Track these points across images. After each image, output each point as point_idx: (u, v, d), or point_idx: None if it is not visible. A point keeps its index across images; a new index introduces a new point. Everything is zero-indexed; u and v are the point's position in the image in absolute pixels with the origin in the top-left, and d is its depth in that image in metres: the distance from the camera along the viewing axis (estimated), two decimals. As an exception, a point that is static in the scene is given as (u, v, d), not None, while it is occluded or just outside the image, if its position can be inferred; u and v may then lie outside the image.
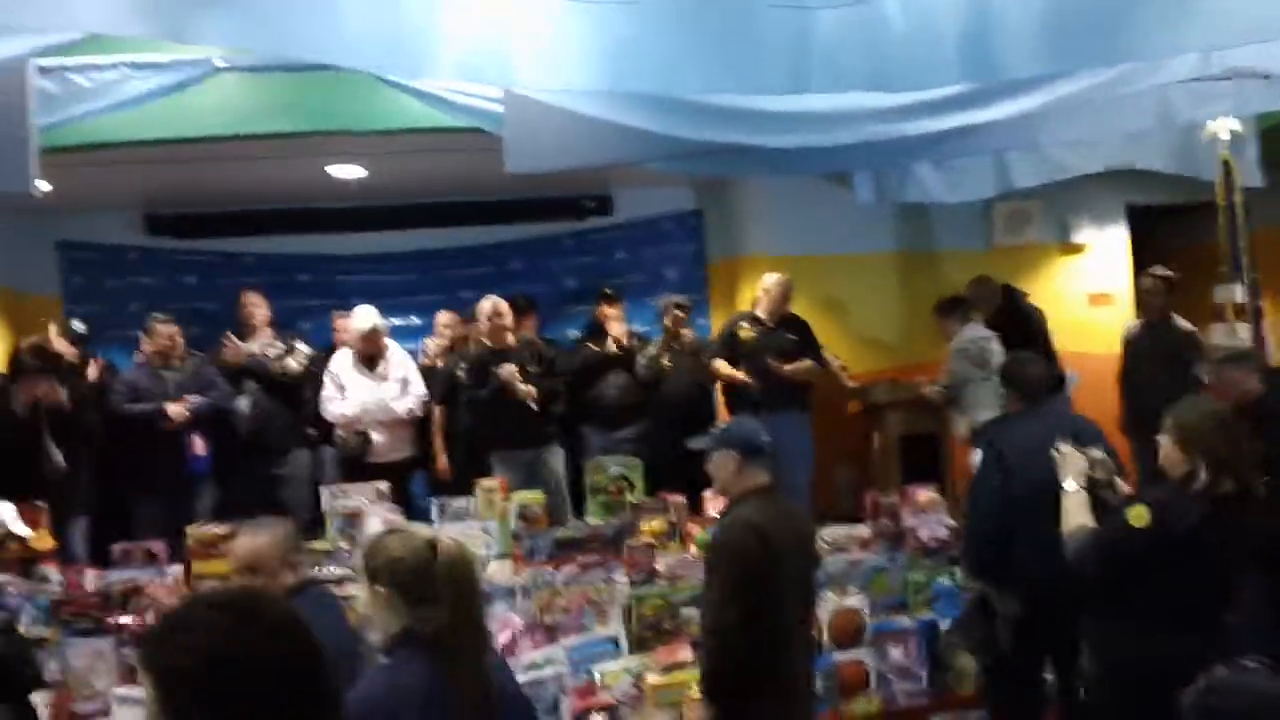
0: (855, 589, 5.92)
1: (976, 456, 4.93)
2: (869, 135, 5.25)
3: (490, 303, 7.29)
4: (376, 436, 7.21)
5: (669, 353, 7.67)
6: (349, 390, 7.21)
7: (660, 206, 9.24)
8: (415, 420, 7.40)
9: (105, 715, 4.59)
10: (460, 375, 7.32)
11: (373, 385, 7.22)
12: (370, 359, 7.26)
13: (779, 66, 3.86)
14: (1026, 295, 8.29)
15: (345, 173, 7.72)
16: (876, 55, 3.89)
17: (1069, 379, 7.62)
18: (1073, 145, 6.53)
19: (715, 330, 8.68)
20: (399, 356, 7.42)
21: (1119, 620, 3.94)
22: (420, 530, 2.92)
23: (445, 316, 8.12)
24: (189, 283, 8.79)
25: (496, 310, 7.23)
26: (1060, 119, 5.54)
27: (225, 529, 5.42)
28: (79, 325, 7.52)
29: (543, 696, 4.93)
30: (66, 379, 6.83)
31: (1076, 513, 4.11)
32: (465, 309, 7.96)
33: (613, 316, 7.93)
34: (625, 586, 5.73)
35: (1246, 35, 3.84)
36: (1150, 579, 3.81)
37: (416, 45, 3.40)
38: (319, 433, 7.52)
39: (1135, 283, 8.69)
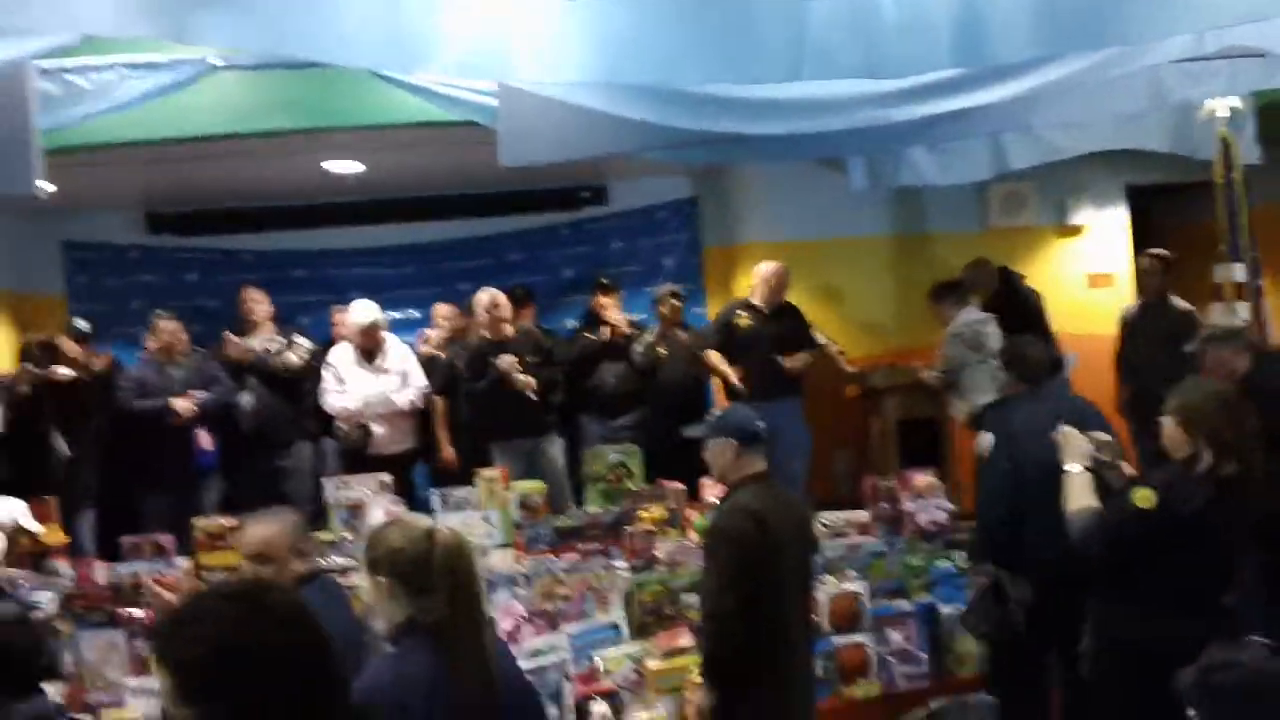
0: (854, 573, 5.93)
1: (985, 440, 4.90)
2: (862, 121, 5.27)
3: (488, 294, 7.30)
4: (377, 429, 7.23)
5: (665, 341, 7.67)
6: (349, 384, 7.22)
7: (655, 195, 9.24)
8: (415, 412, 7.41)
9: (118, 706, 4.62)
10: (459, 367, 7.35)
11: (372, 378, 7.23)
12: (369, 352, 7.26)
13: (772, 55, 3.88)
14: (1024, 278, 8.28)
15: (342, 168, 7.73)
16: (869, 42, 3.92)
17: (1068, 361, 7.63)
18: (1067, 126, 6.53)
19: (712, 316, 8.71)
20: (398, 349, 7.42)
21: (1122, 602, 3.94)
22: (419, 521, 2.95)
23: (443, 308, 8.13)
24: (190, 280, 8.80)
25: (494, 302, 7.25)
26: (1053, 101, 5.53)
27: (232, 521, 5.46)
28: (82, 324, 7.56)
29: (545, 683, 4.95)
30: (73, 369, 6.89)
31: (1079, 494, 4.09)
32: (463, 301, 7.98)
33: (609, 306, 7.93)
34: (625, 573, 5.76)
35: (1236, 17, 3.86)
36: (1155, 561, 3.81)
37: (415, 43, 3.43)
38: (319, 426, 7.55)
39: (1135, 263, 8.69)
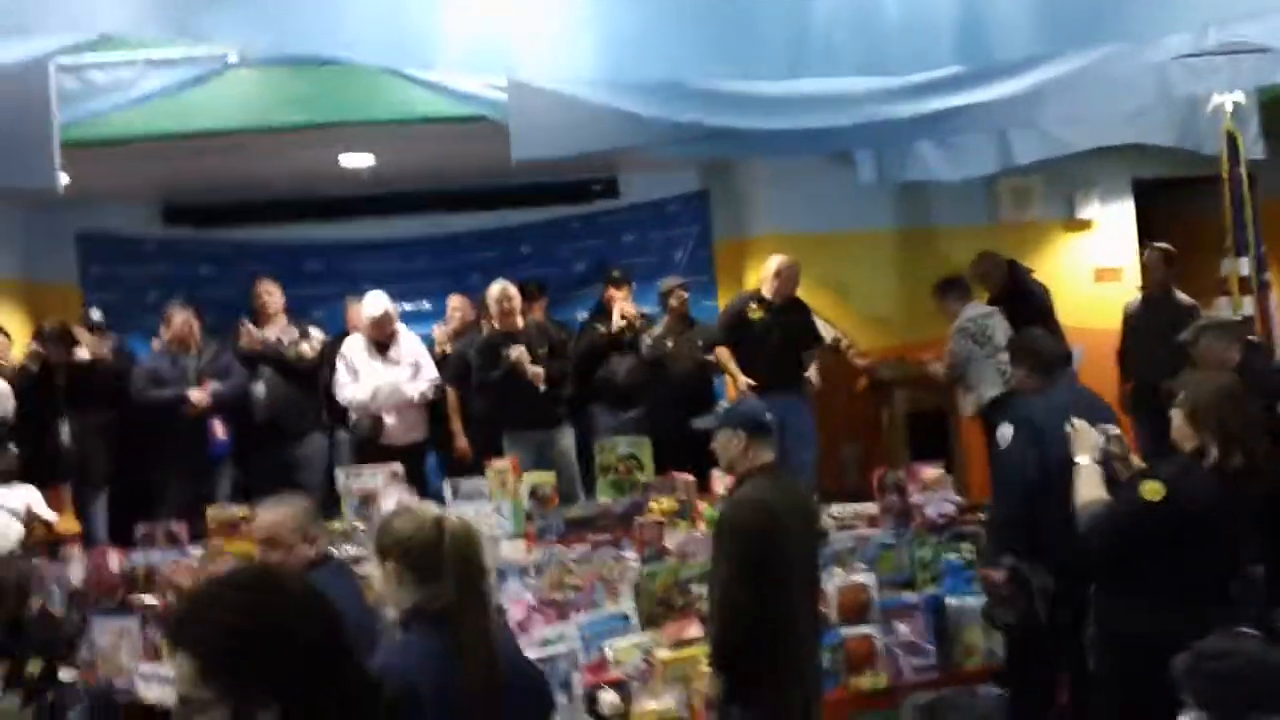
0: (862, 565, 5.99)
1: (1005, 431, 4.87)
2: (869, 117, 5.31)
3: (499, 287, 7.33)
4: (389, 420, 7.27)
5: (672, 334, 7.68)
6: (361, 374, 7.25)
7: (666, 189, 9.24)
8: (427, 403, 7.45)
9: (130, 692, 4.69)
10: (471, 358, 7.39)
11: (385, 369, 7.26)
12: (381, 344, 7.30)
13: (775, 52, 3.93)
14: (1031, 272, 8.26)
15: (355, 162, 7.78)
16: (871, 40, 3.96)
17: (1075, 354, 7.64)
18: (1073, 122, 6.54)
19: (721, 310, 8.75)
20: (410, 341, 7.46)
21: (1127, 595, 3.95)
22: (428, 509, 3.01)
23: (456, 300, 8.16)
24: (205, 272, 8.81)
25: (505, 294, 7.27)
26: (1058, 97, 5.56)
27: (244, 509, 5.52)
28: (95, 314, 7.63)
29: (555, 672, 4.99)
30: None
31: (1089, 487, 4.10)
32: (475, 293, 8.02)
33: (620, 298, 7.92)
34: (635, 564, 5.81)
35: (1236, 13, 3.89)
36: (1162, 554, 3.82)
37: (420, 40, 3.49)
38: (333, 416, 7.60)
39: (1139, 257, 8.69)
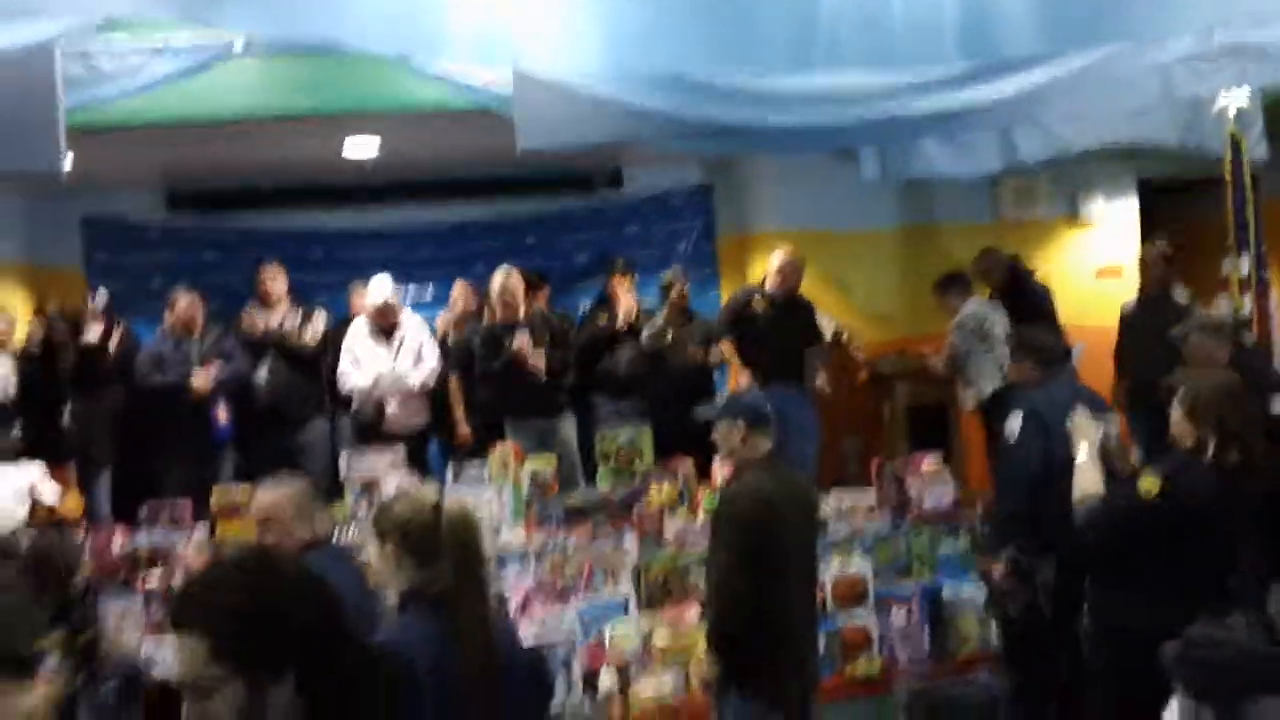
0: (859, 554, 6.04)
1: (1013, 424, 4.88)
2: (873, 113, 5.34)
3: (502, 276, 7.34)
4: (391, 406, 7.28)
5: (673, 326, 7.67)
6: (364, 361, 7.28)
7: (670, 181, 9.26)
8: (429, 390, 7.47)
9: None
10: (474, 346, 7.42)
11: (388, 356, 7.29)
12: (385, 330, 7.33)
13: (781, 47, 3.97)
14: (1033, 273, 8.23)
15: (360, 150, 7.80)
16: (876, 35, 4.00)
17: (1075, 351, 7.66)
18: (1077, 120, 6.57)
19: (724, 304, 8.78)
20: (414, 328, 7.48)
21: (1123, 589, 3.98)
22: (427, 493, 3.05)
23: (459, 289, 8.18)
24: (209, 258, 8.82)
25: (508, 283, 7.29)
26: (1063, 95, 5.59)
27: (247, 491, 5.55)
28: (100, 296, 7.64)
29: (554, 656, 5.06)
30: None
31: (1088, 481, 4.12)
32: (478, 282, 8.05)
33: (623, 289, 7.92)
34: (634, 550, 5.87)
35: (1238, 16, 3.92)
36: (1160, 549, 3.84)
37: (427, 30, 3.52)
38: (335, 402, 7.62)
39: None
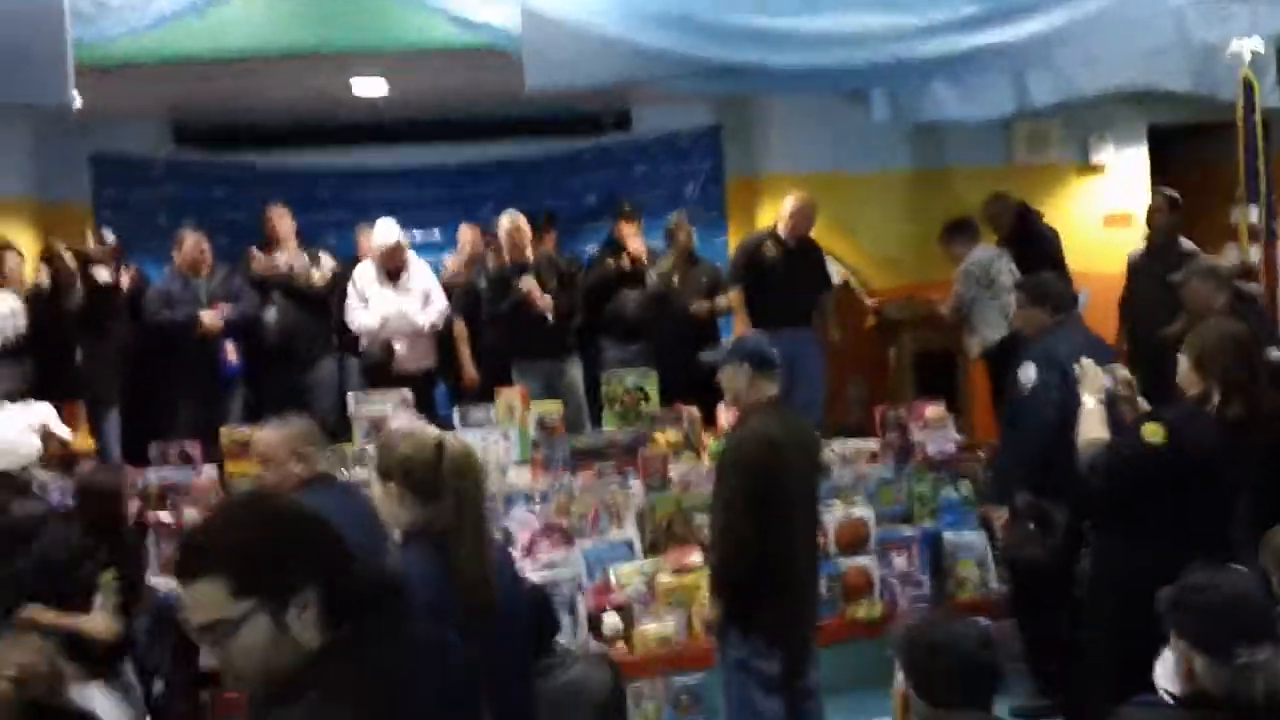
0: (862, 499, 6.11)
1: (1029, 372, 4.91)
2: (885, 55, 5.31)
3: (509, 218, 7.33)
4: (399, 347, 7.29)
5: (679, 270, 7.66)
6: (372, 302, 7.27)
7: (679, 123, 9.18)
8: (436, 331, 7.45)
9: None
10: (480, 288, 7.43)
11: (395, 297, 7.27)
12: (392, 272, 7.30)
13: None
14: (1041, 215, 8.25)
15: (367, 89, 7.76)
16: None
17: (1081, 298, 7.64)
18: (1090, 64, 6.51)
19: (734, 246, 8.76)
20: (421, 269, 7.46)
21: (1125, 535, 3.99)
22: (429, 432, 3.08)
23: (466, 231, 8.17)
24: (217, 195, 8.77)
25: (516, 225, 7.27)
26: (1076, 38, 5.57)
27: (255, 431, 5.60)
28: (109, 235, 7.66)
29: (560, 595, 5.14)
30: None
31: (1093, 427, 4.12)
32: (486, 223, 8.03)
33: (631, 233, 7.87)
34: (640, 493, 5.93)
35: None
36: (1162, 496, 3.85)
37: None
38: (343, 343, 7.64)
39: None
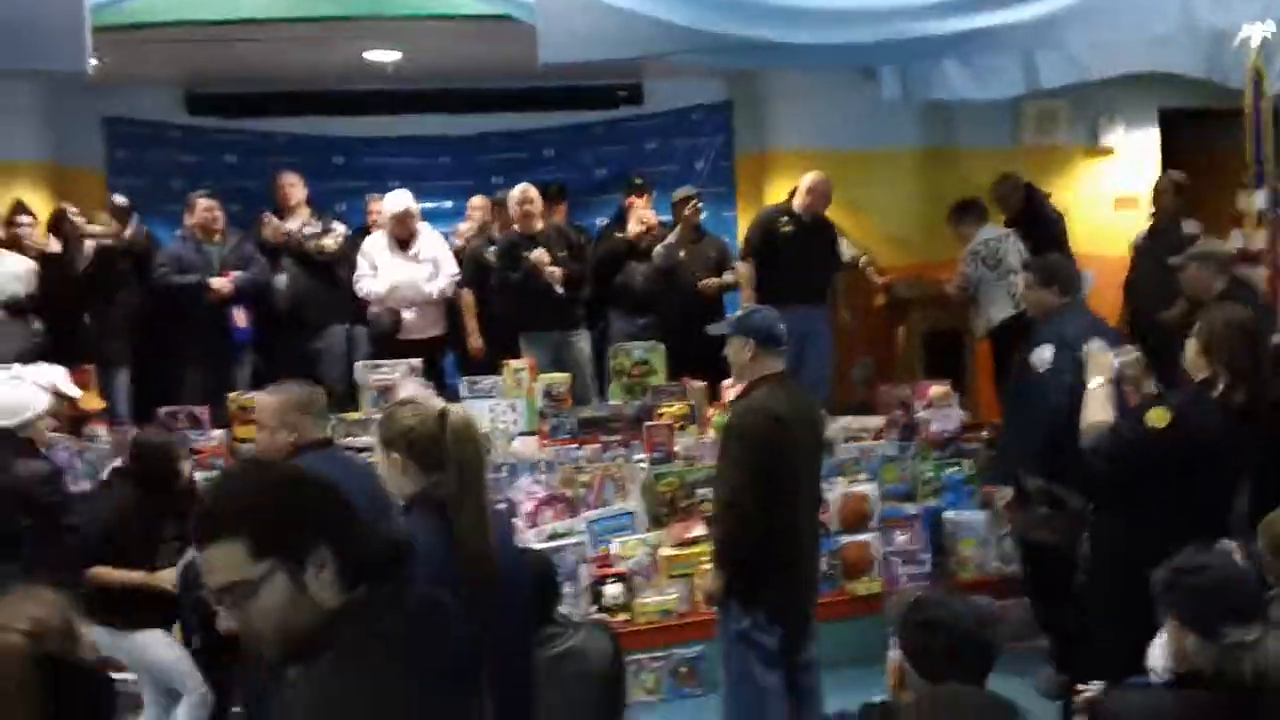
0: (865, 476, 6.16)
1: (1044, 354, 4.90)
2: (896, 33, 5.33)
3: (520, 188, 7.36)
4: (408, 315, 7.31)
5: (685, 244, 7.65)
6: (382, 270, 7.30)
7: (691, 97, 9.17)
8: (445, 300, 7.47)
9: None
10: (489, 258, 7.46)
11: (405, 265, 7.31)
12: (403, 240, 7.33)
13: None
14: (1048, 196, 8.28)
15: (382, 56, 7.78)
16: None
17: (1085, 279, 7.67)
18: (1100, 47, 6.53)
19: (743, 223, 8.78)
20: (431, 238, 7.49)
21: (1126, 518, 4.02)
22: (432, 401, 3.13)
23: (478, 201, 8.17)
24: (229, 161, 8.80)
25: (526, 196, 7.30)
26: (1087, 21, 5.57)
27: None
28: (121, 199, 7.70)
29: (563, 564, 5.20)
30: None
31: (1098, 409, 4.13)
32: (497, 194, 8.05)
33: (640, 207, 7.90)
34: (644, 465, 5.99)
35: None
36: (1165, 480, 3.87)
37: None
38: (353, 310, 7.65)
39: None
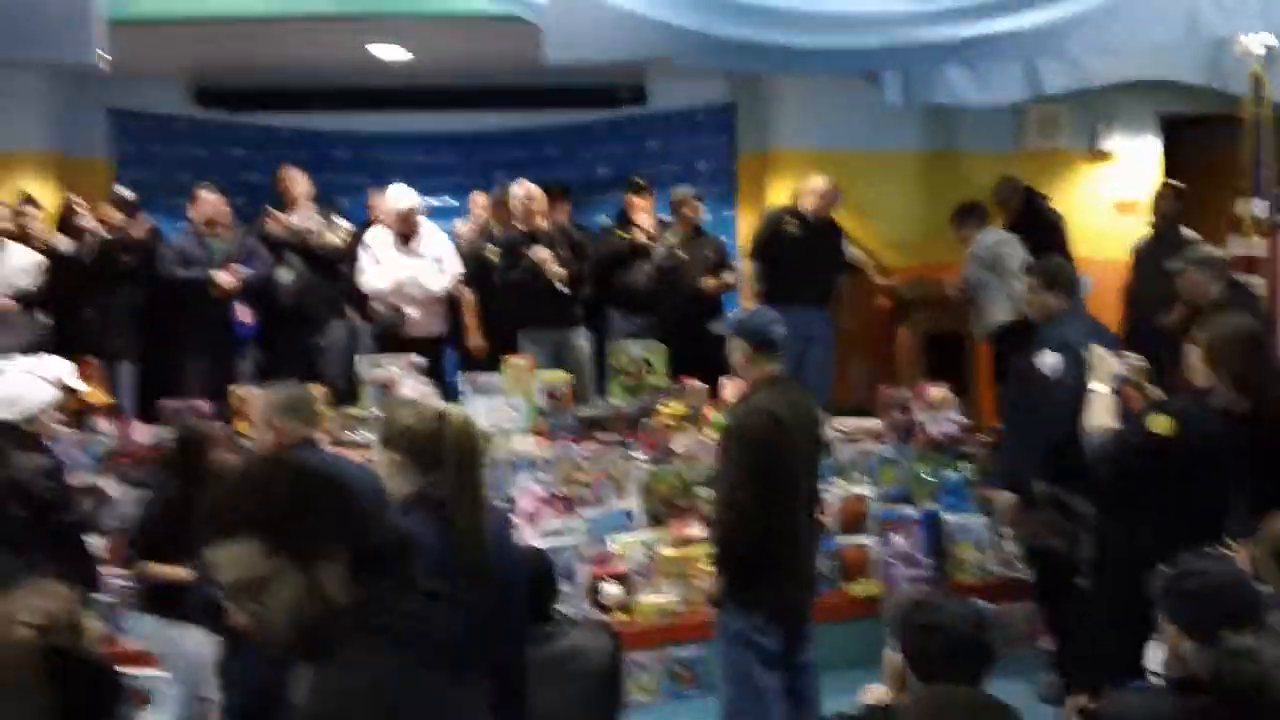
0: (864, 478, 6.18)
1: (1050, 360, 4.86)
2: (899, 39, 5.35)
3: (523, 187, 7.36)
4: (410, 311, 7.31)
5: (685, 244, 7.63)
6: (385, 266, 7.31)
7: (694, 98, 9.18)
8: (447, 297, 7.47)
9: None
10: (489, 256, 7.46)
11: (408, 262, 7.31)
12: (406, 237, 7.33)
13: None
14: (1048, 199, 8.28)
15: (387, 53, 7.81)
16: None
17: (1083, 284, 7.68)
18: (1102, 53, 6.54)
19: (744, 223, 8.81)
20: (434, 235, 7.49)
21: (1128, 523, 4.04)
22: (431, 402, 3.18)
23: (480, 198, 8.19)
24: (236, 155, 8.81)
25: (529, 194, 7.30)
26: (1090, 27, 5.59)
27: (264, 391, 5.68)
28: (126, 192, 7.71)
29: (560, 563, 5.20)
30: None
31: (1101, 414, 4.14)
32: (499, 191, 8.03)
33: (641, 207, 7.88)
34: (643, 464, 6.00)
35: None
36: (1166, 486, 3.89)
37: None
38: (355, 306, 7.66)
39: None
